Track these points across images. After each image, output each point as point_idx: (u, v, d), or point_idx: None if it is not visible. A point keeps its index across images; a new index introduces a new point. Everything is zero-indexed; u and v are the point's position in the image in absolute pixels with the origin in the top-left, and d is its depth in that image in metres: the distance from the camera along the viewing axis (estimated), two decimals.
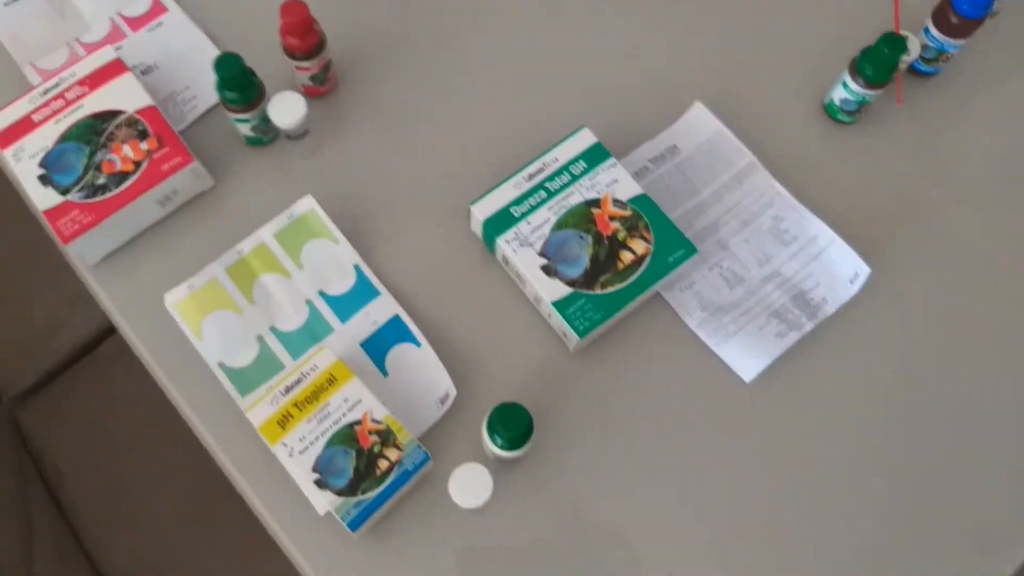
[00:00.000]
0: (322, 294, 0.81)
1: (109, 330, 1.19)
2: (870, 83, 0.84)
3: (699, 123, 0.89)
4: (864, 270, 0.82)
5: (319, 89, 0.88)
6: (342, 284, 0.82)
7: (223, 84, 0.79)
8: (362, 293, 0.82)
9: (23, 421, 1.15)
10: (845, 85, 0.86)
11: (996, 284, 0.85)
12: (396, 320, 0.81)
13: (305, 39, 0.81)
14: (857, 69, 0.84)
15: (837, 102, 0.88)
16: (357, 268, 0.82)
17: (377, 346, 0.80)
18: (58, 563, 1.04)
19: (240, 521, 1.05)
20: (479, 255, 0.84)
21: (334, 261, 0.82)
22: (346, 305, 0.81)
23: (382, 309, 0.81)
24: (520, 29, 0.93)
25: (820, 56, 0.92)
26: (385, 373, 0.79)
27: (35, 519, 1.05)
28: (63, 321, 1.19)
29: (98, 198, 0.79)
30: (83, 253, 0.81)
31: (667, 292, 0.83)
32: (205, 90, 0.88)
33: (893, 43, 0.80)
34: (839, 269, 0.83)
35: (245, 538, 1.01)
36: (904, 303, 0.84)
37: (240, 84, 0.79)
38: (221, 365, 0.79)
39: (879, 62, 0.82)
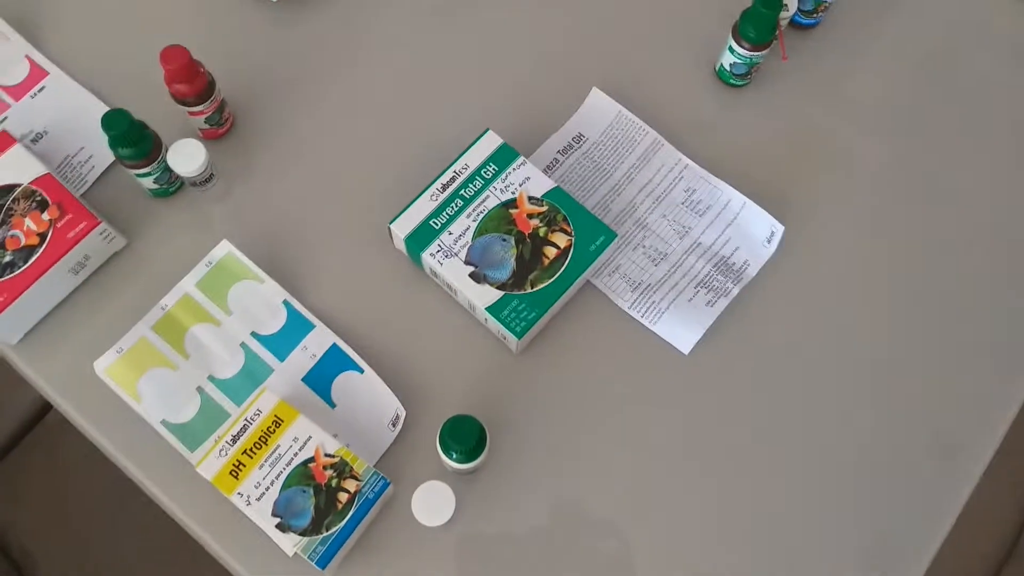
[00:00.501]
0: (255, 335, 0.81)
1: (49, 403, 1.16)
2: (754, 45, 0.86)
3: (599, 108, 0.91)
4: (779, 228, 0.85)
5: (217, 131, 0.87)
6: (274, 323, 0.81)
7: (115, 142, 0.77)
8: (296, 328, 0.81)
9: None
10: (731, 50, 0.88)
11: (907, 212, 0.89)
12: (334, 349, 0.81)
13: (193, 83, 0.80)
14: (740, 33, 0.86)
15: (727, 67, 0.91)
16: (287, 304, 0.82)
17: (320, 378, 0.80)
18: None
19: (219, 573, 1.04)
20: (408, 271, 0.84)
21: (262, 301, 0.82)
22: (281, 343, 0.81)
23: (319, 341, 0.81)
24: (408, 40, 0.94)
25: (706, 24, 0.94)
26: (332, 404, 0.79)
27: None
28: (1, 402, 1.15)
29: (7, 276, 0.76)
30: (3, 334, 0.78)
31: (596, 279, 0.84)
32: (100, 149, 0.86)
33: (770, 2, 0.82)
34: (755, 230, 0.86)
35: None
36: (823, 250, 0.87)
37: (133, 139, 0.77)
38: (164, 423, 0.77)
39: (759, 23, 0.84)
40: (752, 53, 0.87)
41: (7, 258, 0.77)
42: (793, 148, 0.91)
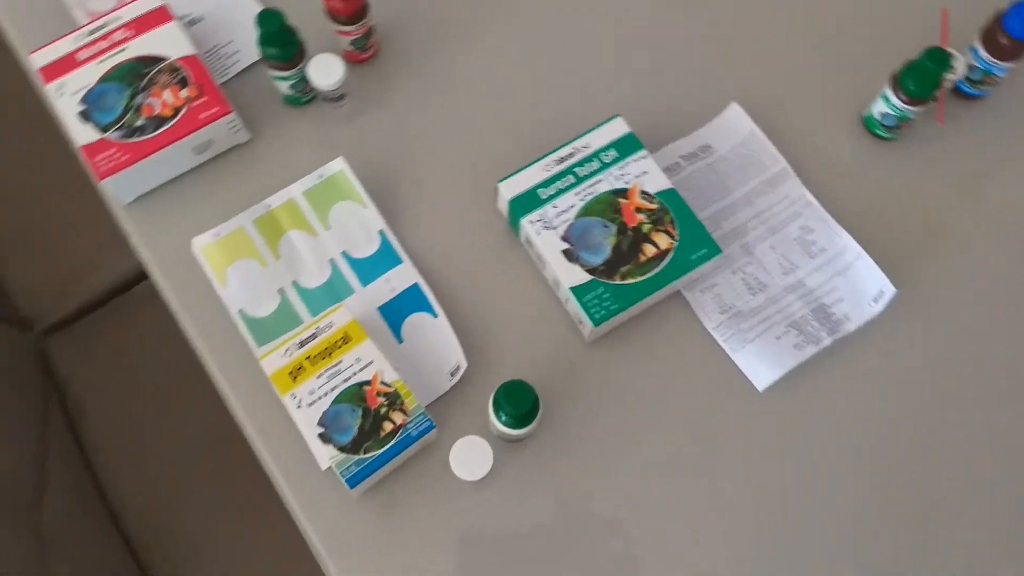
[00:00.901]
0: (346, 256, 0.82)
1: (142, 275, 1.21)
2: (912, 98, 0.83)
3: (734, 124, 0.89)
4: (890, 289, 0.82)
5: (359, 56, 0.89)
6: (366, 248, 0.83)
7: (265, 39, 0.79)
8: (384, 259, 0.82)
9: (51, 353, 1.17)
10: (886, 99, 0.85)
11: (1020, 322, 0.84)
12: (415, 289, 0.81)
13: (349, 2, 0.82)
14: (899, 83, 0.83)
15: (877, 116, 0.87)
16: (382, 234, 0.83)
17: (394, 312, 0.81)
18: (71, 493, 1.06)
19: (249, 473, 1.07)
20: (503, 234, 0.85)
21: (360, 224, 0.83)
22: (368, 269, 0.82)
23: (403, 277, 0.82)
24: (567, 11, 0.93)
25: (863, 67, 0.91)
26: (400, 339, 0.80)
27: (52, 448, 1.07)
28: (99, 261, 1.21)
29: (136, 139, 0.80)
30: (117, 192, 0.82)
31: (688, 291, 0.83)
32: (248, 47, 0.89)
33: (938, 58, 0.79)
34: (864, 286, 0.83)
35: (252, 490, 1.02)
36: (926, 329, 0.83)
37: (281, 40, 0.80)
38: (241, 313, 0.80)
39: (922, 77, 0.81)
40: (907, 107, 0.84)
41: (140, 122, 0.80)
42: (925, 217, 0.87)
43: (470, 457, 0.70)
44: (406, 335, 0.80)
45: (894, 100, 0.84)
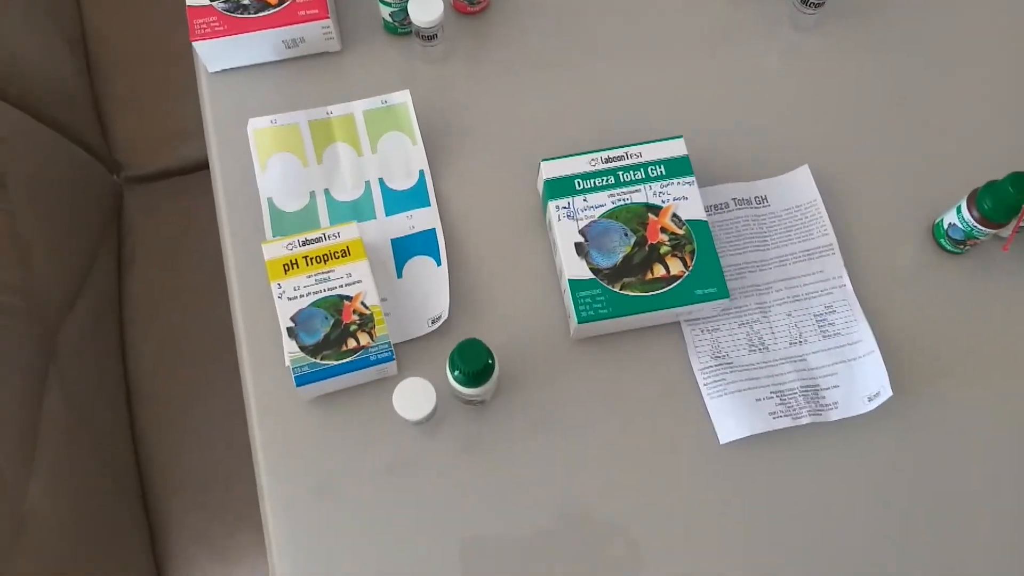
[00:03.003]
0: (381, 182, 0.85)
1: None
2: (985, 218, 0.79)
3: (798, 186, 0.87)
4: (887, 392, 0.78)
5: (467, 8, 0.91)
6: (403, 182, 0.85)
7: None
8: (415, 197, 0.85)
9: (127, 201, 1.26)
10: (959, 211, 0.81)
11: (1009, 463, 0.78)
12: (431, 233, 0.84)
13: None
14: (976, 199, 0.79)
15: (945, 226, 0.84)
16: (421, 174, 0.86)
17: (404, 249, 0.83)
18: (93, 324, 1.13)
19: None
20: (533, 212, 0.86)
21: (405, 159, 0.86)
22: (397, 201, 0.85)
23: (425, 219, 0.84)
24: (673, 26, 0.93)
25: (947, 176, 0.87)
26: (399, 275, 0.82)
27: (93, 277, 1.15)
28: (194, 134, 1.29)
29: (238, 15, 0.85)
30: (205, 57, 0.88)
31: (688, 326, 0.82)
32: None
33: (1020, 184, 0.75)
34: (865, 382, 0.80)
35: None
36: (906, 443, 0.79)
37: None
38: (269, 201, 0.84)
39: (1000, 199, 0.77)
40: (977, 225, 0.80)
41: (245, 1, 0.86)
42: (953, 339, 0.82)
43: (414, 396, 0.71)
44: (406, 273, 0.82)
45: (966, 215, 0.80)
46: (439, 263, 0.82)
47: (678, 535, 0.76)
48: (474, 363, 0.69)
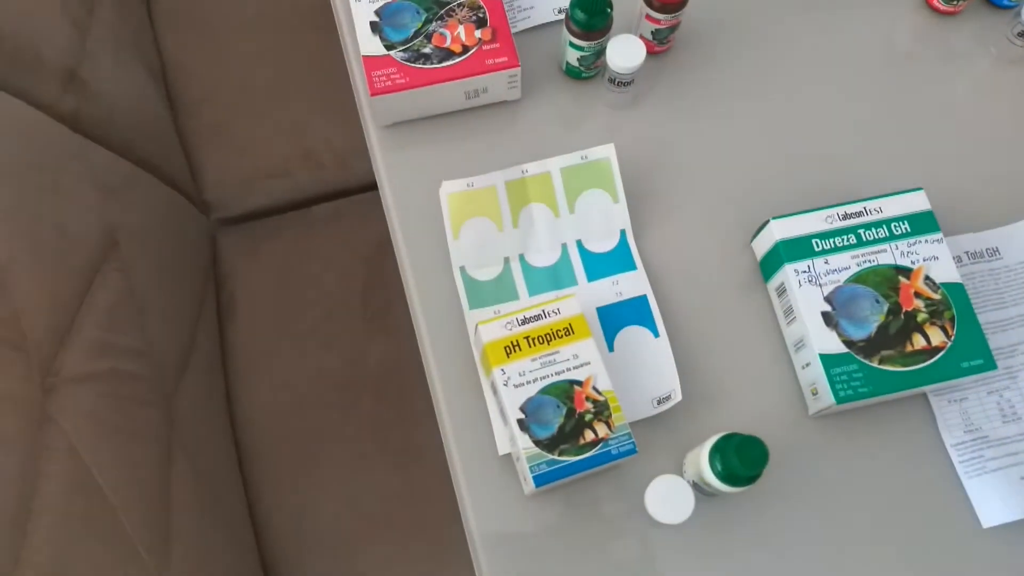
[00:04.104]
0: (580, 245, 0.78)
1: (323, 197, 1.21)
2: None
3: None
4: None
5: (656, 47, 0.84)
6: (604, 244, 0.78)
7: (580, 3, 0.75)
8: (619, 260, 0.77)
9: (221, 243, 1.18)
10: None
11: None
12: (643, 300, 0.76)
13: None
14: None
15: None
16: (623, 234, 0.78)
17: (613, 318, 0.75)
18: (204, 385, 1.06)
19: (382, 421, 1.04)
20: (749, 273, 0.78)
21: (605, 218, 0.78)
22: (598, 266, 0.77)
23: (632, 284, 0.76)
24: (892, 63, 0.86)
25: None
26: (611, 348, 0.75)
27: (200, 334, 1.08)
28: (288, 172, 1.21)
29: (418, 65, 0.77)
30: (381, 112, 0.80)
31: (934, 396, 0.74)
32: (543, 4, 0.85)
33: None
34: None
35: (371, 443, 1.00)
36: None
37: (596, 8, 0.75)
38: (462, 270, 0.76)
39: None
40: None
41: (427, 49, 0.78)
42: None
43: (670, 497, 0.64)
44: (619, 346, 0.75)
45: None
46: (657, 334, 0.75)
47: None
48: (752, 467, 0.61)
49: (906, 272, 0.72)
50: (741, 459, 0.61)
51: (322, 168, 1.22)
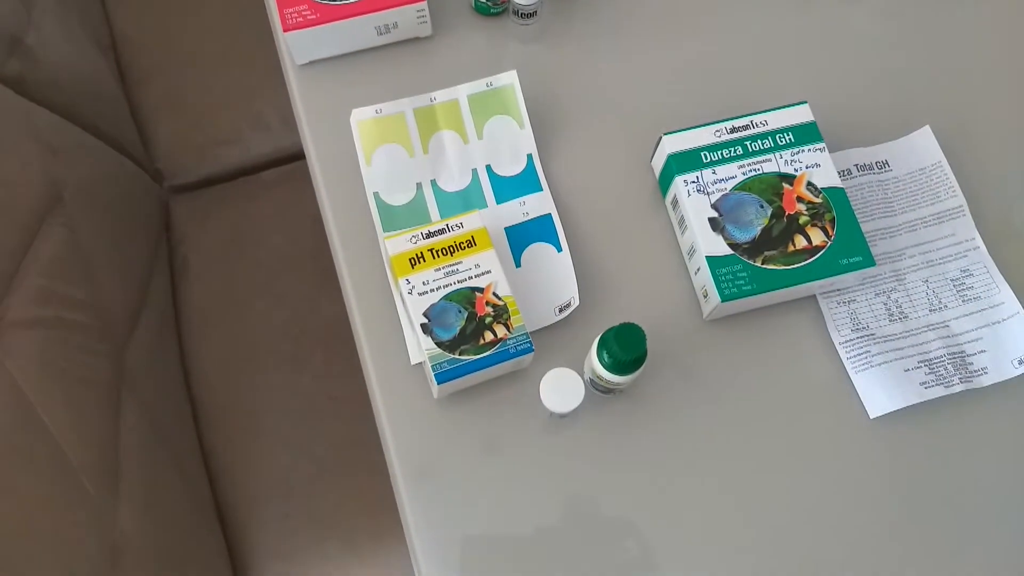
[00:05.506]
0: (489, 169, 0.82)
1: (272, 162, 1.25)
2: None
3: (921, 149, 0.84)
4: None
5: None
6: (511, 167, 0.82)
7: None
8: (525, 183, 0.81)
9: (173, 210, 1.22)
10: None
11: None
12: (547, 219, 0.80)
13: None
14: None
15: None
16: (530, 158, 0.82)
17: (520, 236, 0.80)
18: (155, 340, 1.10)
19: (321, 371, 1.09)
20: (649, 190, 0.82)
21: (512, 143, 0.82)
22: (507, 188, 0.81)
23: (538, 204, 0.81)
24: None
25: None
26: (518, 264, 0.79)
27: (151, 293, 1.12)
28: (238, 139, 1.26)
29: (329, 2, 0.81)
30: (296, 49, 0.84)
31: (823, 298, 0.78)
32: None
33: None
34: (1013, 345, 0.77)
35: (320, 387, 1.05)
36: None
37: None
38: (376, 195, 0.80)
39: None
40: None
41: None
42: None
43: (561, 388, 0.68)
44: (525, 261, 0.79)
45: None
46: (559, 249, 0.79)
47: (833, 514, 0.72)
48: (631, 350, 0.65)
49: (789, 179, 0.76)
50: (620, 344, 0.65)
51: (269, 129, 1.26)
